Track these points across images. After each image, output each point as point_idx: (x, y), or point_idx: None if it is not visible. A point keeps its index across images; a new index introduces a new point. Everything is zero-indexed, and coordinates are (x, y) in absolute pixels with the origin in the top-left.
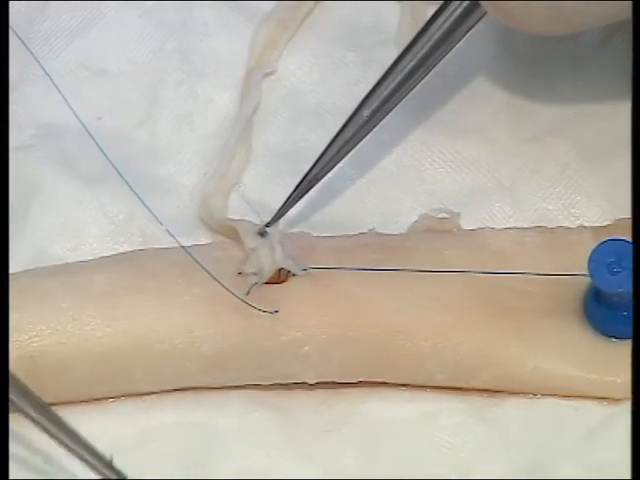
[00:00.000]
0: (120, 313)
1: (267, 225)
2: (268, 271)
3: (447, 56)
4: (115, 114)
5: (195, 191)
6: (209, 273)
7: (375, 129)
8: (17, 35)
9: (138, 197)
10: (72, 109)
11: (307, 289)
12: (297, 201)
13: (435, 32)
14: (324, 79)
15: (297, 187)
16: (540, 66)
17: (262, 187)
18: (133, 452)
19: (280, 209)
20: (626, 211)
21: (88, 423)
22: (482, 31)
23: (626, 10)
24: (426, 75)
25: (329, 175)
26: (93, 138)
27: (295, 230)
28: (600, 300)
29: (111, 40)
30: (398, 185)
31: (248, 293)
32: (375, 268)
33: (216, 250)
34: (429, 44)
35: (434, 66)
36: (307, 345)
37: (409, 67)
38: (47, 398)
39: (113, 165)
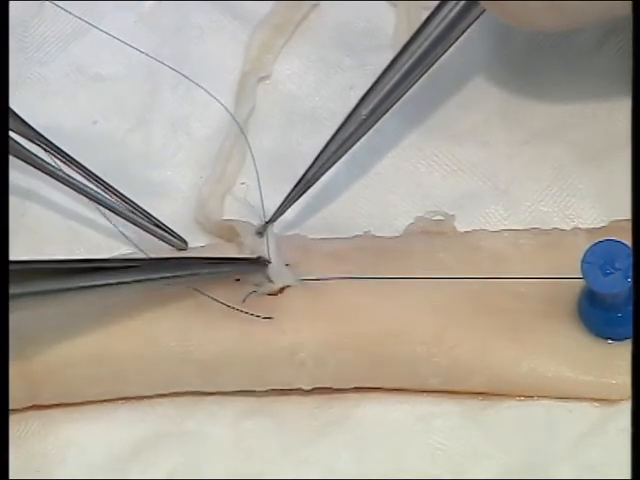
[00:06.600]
0: (116, 315)
1: (266, 223)
2: (269, 288)
3: (442, 60)
4: (110, 118)
5: (191, 195)
6: (199, 290)
7: (371, 133)
8: None
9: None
10: None
11: (301, 295)
12: (296, 200)
13: (433, 30)
14: (319, 83)
15: (296, 186)
16: (534, 69)
17: (257, 191)
18: (127, 461)
19: (279, 208)
20: (621, 213)
21: (81, 432)
22: (476, 35)
23: (623, 6)
24: (424, 73)
25: (325, 179)
26: None
27: (291, 233)
28: (594, 302)
29: (106, 44)
30: (394, 189)
31: (244, 300)
32: (368, 277)
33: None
34: (427, 42)
35: (432, 64)
36: (302, 352)
37: (407, 65)
38: (41, 398)
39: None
